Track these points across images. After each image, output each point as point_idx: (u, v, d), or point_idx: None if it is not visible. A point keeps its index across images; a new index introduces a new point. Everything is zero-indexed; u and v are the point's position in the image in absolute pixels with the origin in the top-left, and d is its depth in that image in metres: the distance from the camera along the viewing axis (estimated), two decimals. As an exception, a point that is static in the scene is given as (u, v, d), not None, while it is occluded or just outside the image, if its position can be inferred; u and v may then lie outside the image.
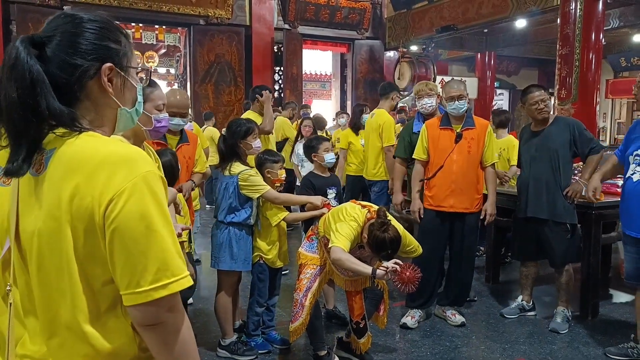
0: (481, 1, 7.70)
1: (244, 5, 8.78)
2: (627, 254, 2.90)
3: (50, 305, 0.91)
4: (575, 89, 6.13)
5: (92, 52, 0.92)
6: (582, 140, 3.32)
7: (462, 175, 3.30)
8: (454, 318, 3.47)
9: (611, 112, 13.32)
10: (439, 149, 3.35)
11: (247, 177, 2.83)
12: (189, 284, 0.89)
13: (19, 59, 0.87)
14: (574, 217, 3.36)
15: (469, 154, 3.31)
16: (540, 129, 3.44)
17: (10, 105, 0.87)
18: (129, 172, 0.86)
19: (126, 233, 0.85)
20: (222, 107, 8.70)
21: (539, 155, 3.38)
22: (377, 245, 2.49)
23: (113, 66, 0.94)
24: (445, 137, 3.35)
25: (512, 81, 13.51)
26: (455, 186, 3.30)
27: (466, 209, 3.33)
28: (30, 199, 0.92)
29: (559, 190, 3.33)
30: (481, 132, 3.35)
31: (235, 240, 2.89)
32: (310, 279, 2.74)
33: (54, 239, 0.87)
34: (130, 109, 1.01)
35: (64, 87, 0.90)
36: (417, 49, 9.56)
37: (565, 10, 6.13)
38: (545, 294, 3.95)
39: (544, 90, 3.43)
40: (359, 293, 2.84)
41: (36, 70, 0.87)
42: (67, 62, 0.90)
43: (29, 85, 0.86)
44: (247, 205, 2.89)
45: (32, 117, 0.87)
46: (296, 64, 9.16)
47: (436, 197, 3.37)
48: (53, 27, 0.92)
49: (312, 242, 2.83)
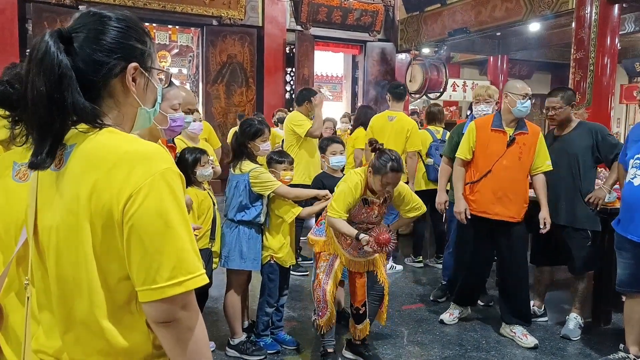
0: (494, 4, 7.65)
1: (257, 6, 8.81)
2: (623, 260, 2.82)
3: (66, 300, 0.91)
4: (590, 94, 6.06)
5: (118, 50, 0.93)
6: (606, 145, 3.23)
7: (511, 183, 3.15)
8: (525, 340, 3.20)
9: (625, 117, 13.18)
10: (488, 153, 3.20)
11: (258, 174, 2.86)
12: (204, 282, 0.89)
13: (48, 53, 0.87)
14: (597, 224, 3.27)
15: (519, 160, 3.15)
16: (561, 133, 3.38)
17: (38, 99, 0.87)
18: (147, 169, 0.86)
19: (143, 230, 0.85)
20: (233, 108, 8.72)
21: (558, 160, 3.28)
22: (380, 169, 2.62)
23: (138, 66, 0.95)
24: (496, 140, 3.19)
25: (525, 85, 13.40)
26: (502, 193, 3.15)
27: (512, 217, 3.18)
28: (49, 194, 0.92)
29: (578, 196, 3.26)
30: (534, 138, 3.19)
31: (245, 239, 2.90)
32: (325, 272, 2.82)
33: (72, 234, 0.88)
34: (150, 109, 1.02)
35: (88, 84, 0.90)
36: (429, 51, 9.52)
37: (580, 14, 6.07)
38: (557, 300, 3.91)
39: (562, 96, 3.30)
40: (362, 277, 2.89)
41: (65, 65, 0.87)
42: (94, 58, 0.91)
43: (57, 79, 0.87)
44: (257, 203, 2.90)
45: (58, 112, 0.88)
46: (308, 66, 9.16)
47: (480, 203, 3.22)
48: (81, 23, 0.92)
49: (321, 227, 2.90)
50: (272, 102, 8.88)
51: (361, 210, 2.75)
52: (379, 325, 3.28)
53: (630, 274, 2.79)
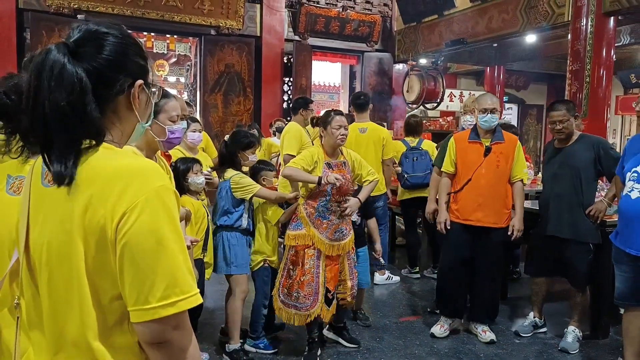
0: (491, 16, 7.70)
1: (255, 16, 8.83)
2: (621, 273, 2.81)
3: (57, 319, 0.89)
4: (586, 105, 6.09)
5: (126, 67, 0.93)
6: (608, 159, 3.25)
7: (490, 190, 3.29)
8: (484, 335, 3.43)
9: (621, 128, 13.23)
10: (467, 163, 3.36)
11: (238, 179, 3.01)
12: (198, 302, 0.88)
13: (65, 68, 0.86)
14: (597, 237, 3.28)
15: (497, 168, 3.30)
16: (563, 146, 3.39)
17: (61, 115, 0.85)
18: (142, 185, 0.85)
19: (136, 248, 0.83)
20: (231, 117, 8.71)
21: (560, 172, 3.32)
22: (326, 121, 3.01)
23: (142, 83, 0.95)
24: (473, 150, 3.36)
25: (521, 95, 13.44)
26: (482, 200, 3.29)
27: (494, 223, 3.32)
28: (42, 210, 0.91)
29: (580, 209, 3.26)
30: (510, 147, 3.34)
31: (228, 245, 3.01)
32: (315, 267, 2.96)
33: (64, 252, 0.86)
34: (146, 125, 1.01)
35: (96, 100, 0.89)
36: (426, 62, 9.55)
37: (576, 26, 6.11)
38: (553, 311, 3.89)
39: (567, 109, 3.32)
40: (336, 265, 3.07)
41: (85, 79, 0.87)
42: (103, 74, 0.90)
43: (79, 93, 0.86)
44: (238, 208, 3.05)
45: (80, 126, 0.87)
46: (305, 75, 9.18)
47: (463, 211, 3.38)
48: (85, 38, 0.91)
49: (296, 222, 3.04)
50: (269, 112, 8.88)
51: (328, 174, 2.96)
52: (376, 337, 3.27)
53: (628, 287, 2.77)
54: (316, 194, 2.99)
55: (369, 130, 4.58)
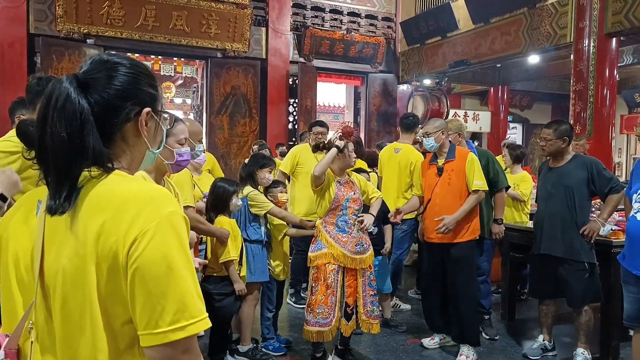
0: (494, 37, 7.78)
1: (261, 39, 8.98)
2: (629, 294, 2.79)
3: (70, 343, 0.90)
4: (590, 125, 6.10)
5: (133, 96, 0.95)
6: (601, 179, 3.26)
7: (444, 207, 3.41)
8: (459, 358, 3.45)
9: (626, 147, 13.20)
10: (427, 184, 3.58)
11: (254, 196, 3.33)
12: (207, 327, 0.89)
13: (69, 99, 0.89)
14: (592, 256, 3.28)
15: (449, 186, 3.44)
16: (557, 165, 3.41)
17: (59, 145, 0.88)
18: (153, 211, 0.87)
19: (147, 273, 0.85)
20: (237, 138, 8.79)
21: (554, 191, 3.35)
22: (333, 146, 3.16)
23: (151, 111, 0.98)
24: (430, 172, 3.56)
25: (526, 115, 13.49)
26: (439, 218, 3.39)
27: (451, 239, 3.41)
28: (56, 236, 0.93)
29: (575, 228, 3.27)
30: (461, 162, 3.45)
31: (252, 255, 3.29)
32: (335, 281, 3.11)
33: (78, 277, 0.88)
34: (156, 151, 1.04)
35: (103, 128, 0.92)
36: (430, 82, 9.64)
37: (579, 47, 6.17)
38: (563, 334, 3.84)
39: (555, 130, 3.34)
40: (356, 280, 3.20)
41: (87, 111, 0.89)
42: (111, 104, 0.93)
43: (79, 125, 0.88)
44: (255, 223, 3.35)
45: (78, 157, 0.89)
46: (310, 96, 9.27)
47: (426, 230, 3.57)
48: (95, 69, 0.94)
49: (317, 242, 3.21)
50: (274, 132, 8.96)
51: (341, 190, 3.17)
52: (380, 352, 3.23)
53: (637, 308, 2.75)
54: (333, 210, 3.17)
55: (401, 151, 4.44)
